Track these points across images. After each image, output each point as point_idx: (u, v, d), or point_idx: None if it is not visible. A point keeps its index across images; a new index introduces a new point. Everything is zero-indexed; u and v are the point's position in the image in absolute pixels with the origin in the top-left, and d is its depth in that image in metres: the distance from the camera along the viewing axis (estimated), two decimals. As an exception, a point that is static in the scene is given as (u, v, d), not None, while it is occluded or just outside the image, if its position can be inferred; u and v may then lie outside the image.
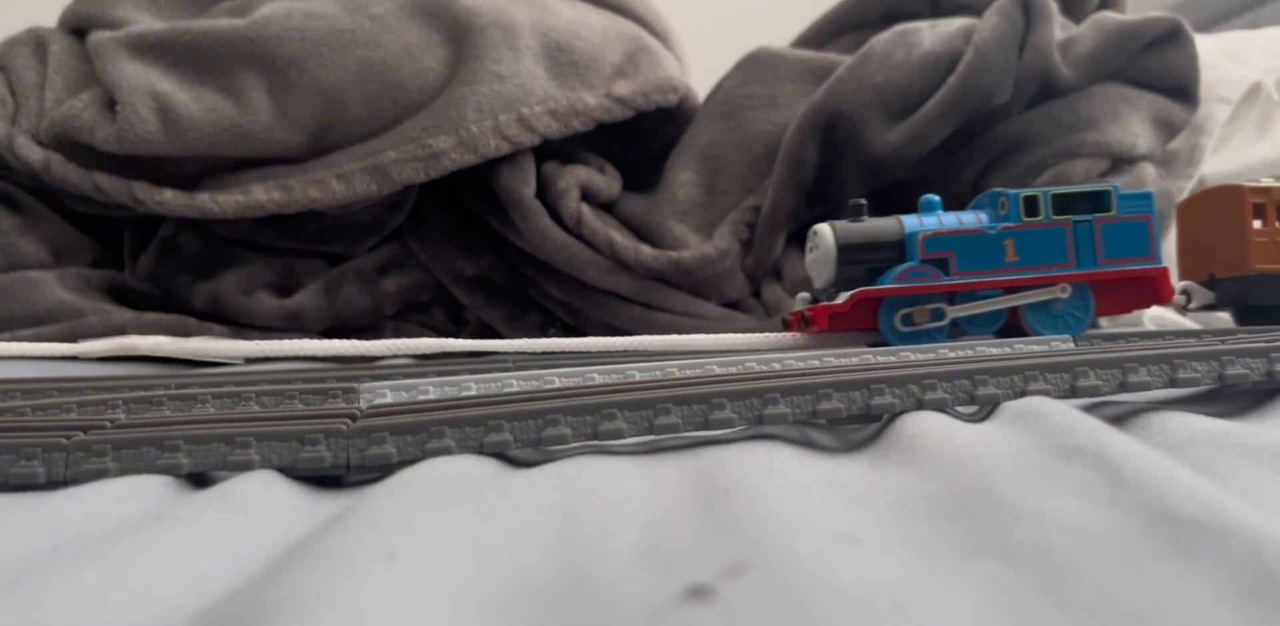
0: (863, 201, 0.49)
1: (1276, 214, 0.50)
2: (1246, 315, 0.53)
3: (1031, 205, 0.47)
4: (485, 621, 0.18)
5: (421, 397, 0.38)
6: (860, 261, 0.48)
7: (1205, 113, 0.81)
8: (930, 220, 0.48)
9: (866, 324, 0.47)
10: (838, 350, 0.42)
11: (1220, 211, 0.52)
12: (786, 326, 0.51)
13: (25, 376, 0.49)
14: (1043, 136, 0.73)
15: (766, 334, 0.51)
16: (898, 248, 0.48)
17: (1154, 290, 0.47)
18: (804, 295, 0.51)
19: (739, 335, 0.51)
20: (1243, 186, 0.51)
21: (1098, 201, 0.47)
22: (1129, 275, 0.47)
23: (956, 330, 0.47)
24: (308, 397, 0.42)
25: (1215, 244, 0.53)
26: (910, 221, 0.48)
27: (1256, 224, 0.51)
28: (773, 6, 1.44)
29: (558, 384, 0.39)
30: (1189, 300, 0.52)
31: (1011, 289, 0.47)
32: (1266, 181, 0.51)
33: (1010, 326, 0.48)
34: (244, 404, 0.41)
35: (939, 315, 0.46)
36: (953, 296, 0.47)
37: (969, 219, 0.48)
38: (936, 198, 0.50)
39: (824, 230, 0.48)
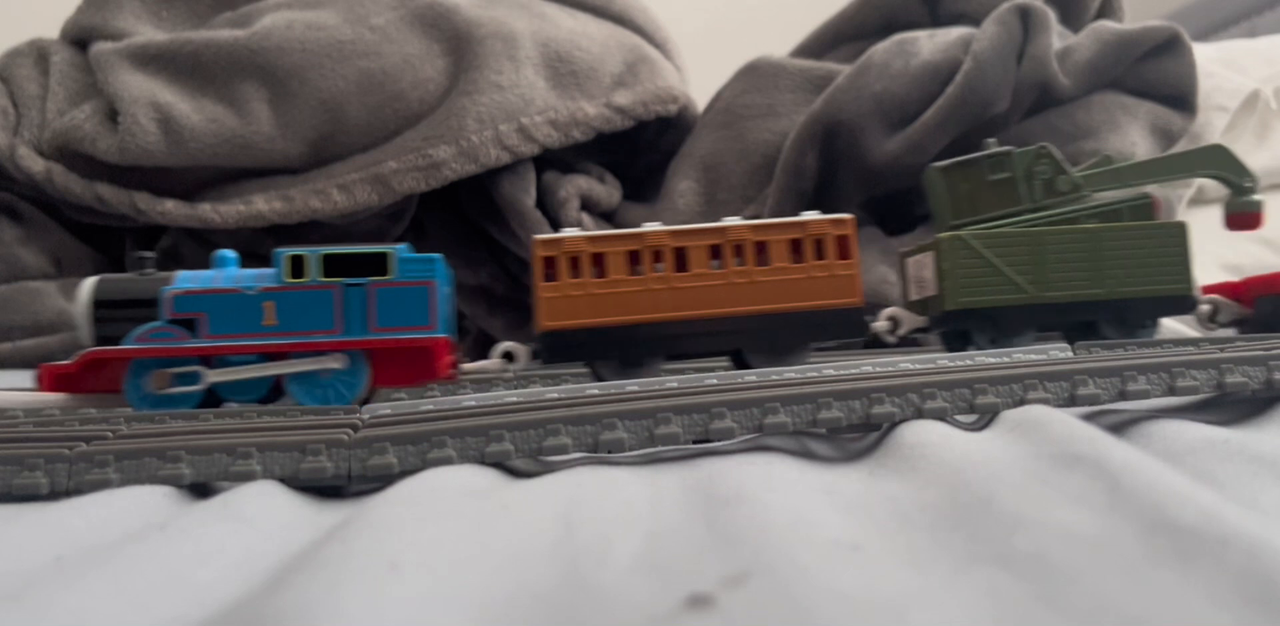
0: (148, 254, 0.45)
1: (569, 266, 0.44)
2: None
3: (298, 265, 0.43)
4: (487, 631, 0.18)
5: (422, 409, 0.38)
6: (125, 319, 0.43)
7: (1203, 121, 0.81)
8: (209, 276, 0.44)
9: (113, 386, 0.43)
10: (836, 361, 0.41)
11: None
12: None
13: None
14: (1041, 145, 0.73)
15: (24, 394, 0.45)
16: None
17: (429, 362, 0.43)
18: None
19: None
20: (536, 238, 0.45)
21: (375, 264, 0.43)
22: (403, 344, 0.43)
23: (213, 398, 0.43)
24: (309, 417, 0.42)
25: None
26: (185, 278, 0.44)
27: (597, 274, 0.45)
28: (772, 16, 1.45)
29: (555, 396, 0.39)
30: (511, 359, 0.47)
31: (276, 355, 0.43)
32: (568, 232, 0.45)
33: (277, 392, 0.44)
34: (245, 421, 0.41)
35: (189, 379, 0.42)
36: (210, 360, 0.43)
37: (248, 277, 0.44)
38: (232, 253, 0.46)
39: (83, 285, 0.44)
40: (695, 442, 0.34)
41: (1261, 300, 0.50)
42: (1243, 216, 0.51)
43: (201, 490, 0.31)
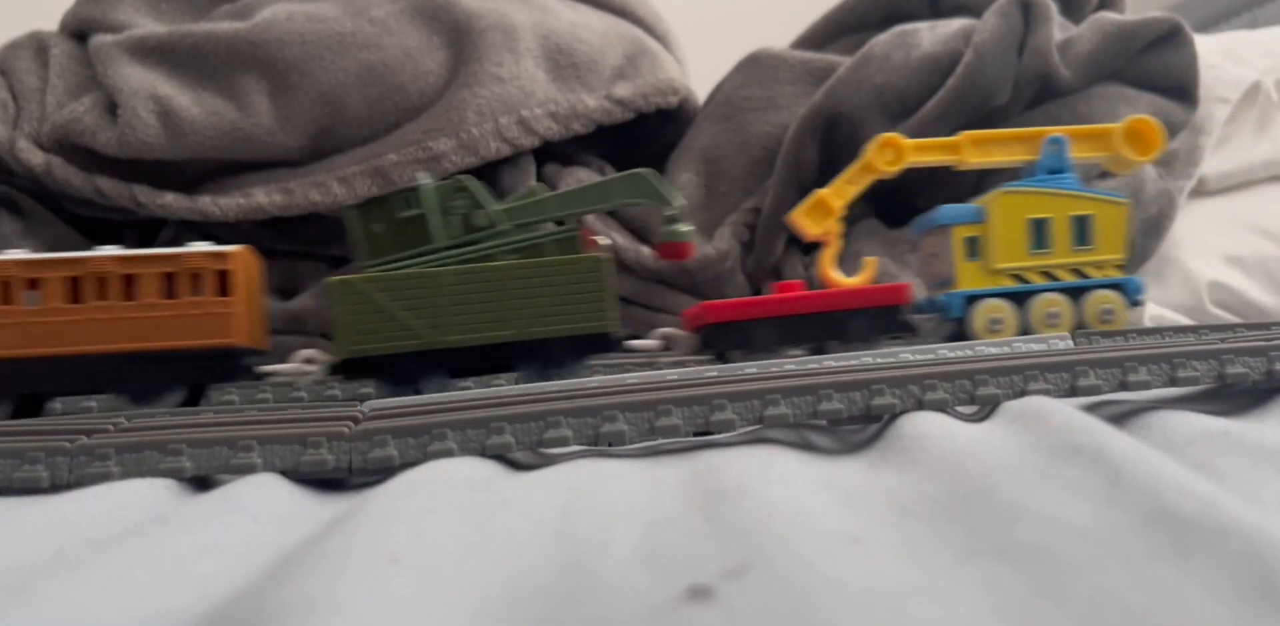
0: None
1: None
2: None
3: None
4: (487, 623, 0.18)
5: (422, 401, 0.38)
6: None
7: (1204, 113, 0.81)
8: None
9: None
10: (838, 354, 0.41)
11: None
12: None
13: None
14: (1042, 137, 0.73)
15: None
16: None
17: None
18: None
19: None
20: None
21: None
22: None
23: None
24: (310, 411, 0.42)
25: None
26: None
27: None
28: (772, 8, 1.44)
29: (555, 389, 0.39)
30: None
31: None
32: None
33: None
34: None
35: None
36: None
37: None
38: None
39: None
40: (696, 435, 0.34)
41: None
42: (672, 246, 0.46)
43: (202, 483, 0.32)
